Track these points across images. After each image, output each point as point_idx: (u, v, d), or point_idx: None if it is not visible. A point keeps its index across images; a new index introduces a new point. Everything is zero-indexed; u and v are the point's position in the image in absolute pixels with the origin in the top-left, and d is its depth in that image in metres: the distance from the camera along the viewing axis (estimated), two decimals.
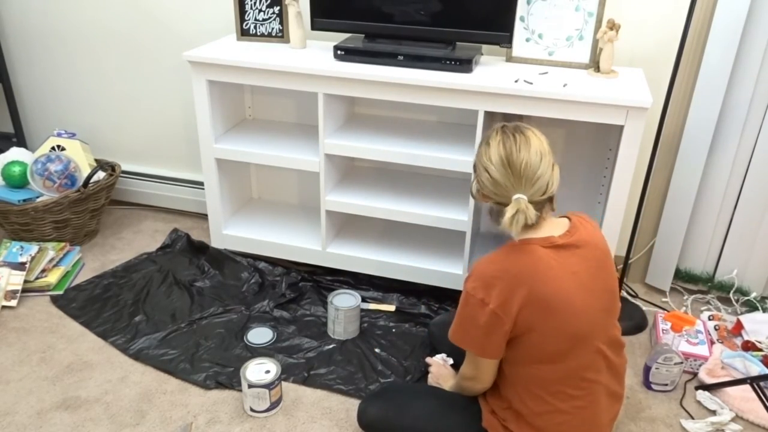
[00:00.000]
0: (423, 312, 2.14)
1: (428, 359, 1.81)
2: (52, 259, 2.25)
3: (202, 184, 2.64)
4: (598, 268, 1.37)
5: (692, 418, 1.77)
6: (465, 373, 1.48)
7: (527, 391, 1.38)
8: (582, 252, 1.36)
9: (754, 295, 2.19)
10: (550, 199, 1.38)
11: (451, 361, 1.81)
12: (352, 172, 2.37)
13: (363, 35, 2.06)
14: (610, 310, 1.40)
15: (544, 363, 1.34)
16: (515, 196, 1.32)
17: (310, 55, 2.07)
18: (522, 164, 1.32)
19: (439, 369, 1.74)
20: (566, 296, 1.30)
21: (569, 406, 1.36)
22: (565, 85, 1.81)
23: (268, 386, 1.67)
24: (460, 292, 2.18)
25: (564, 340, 1.32)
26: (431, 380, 1.73)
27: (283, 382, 1.83)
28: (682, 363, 1.81)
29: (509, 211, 1.32)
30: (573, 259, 1.34)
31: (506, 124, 1.40)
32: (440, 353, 1.88)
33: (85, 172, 2.45)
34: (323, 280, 2.29)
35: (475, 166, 1.42)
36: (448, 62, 1.90)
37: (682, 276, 2.29)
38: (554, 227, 1.38)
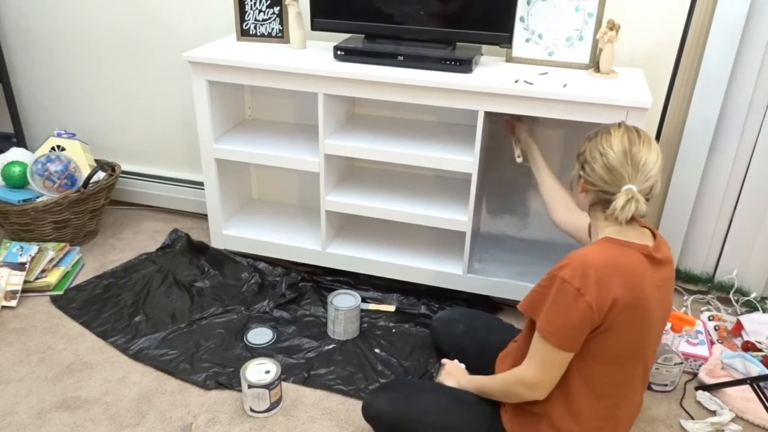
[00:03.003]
0: (423, 312, 2.14)
1: (445, 360, 1.74)
2: (52, 260, 2.25)
3: (202, 184, 2.64)
4: (669, 290, 1.39)
5: (692, 418, 1.77)
6: (526, 376, 1.36)
7: (577, 391, 1.36)
8: (664, 269, 1.36)
9: (754, 295, 2.19)
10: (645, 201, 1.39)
11: (464, 366, 1.77)
12: (352, 172, 2.37)
13: (363, 35, 2.05)
14: (662, 331, 1.42)
15: (603, 364, 1.33)
16: (627, 186, 1.32)
17: (310, 55, 2.07)
18: (643, 159, 1.32)
19: (454, 365, 1.68)
20: (650, 307, 1.30)
21: (608, 414, 1.37)
22: (565, 86, 1.81)
23: (268, 386, 1.67)
24: (459, 292, 2.19)
25: (631, 347, 1.32)
26: (443, 376, 1.66)
27: (283, 383, 1.83)
28: (682, 363, 1.81)
29: (622, 197, 1.31)
30: (658, 274, 1.34)
31: (626, 123, 1.41)
32: (442, 350, 1.87)
33: (85, 172, 2.45)
34: (323, 280, 2.29)
35: (581, 154, 1.40)
36: (448, 62, 1.90)
37: (682, 276, 2.29)
38: (643, 236, 1.38)
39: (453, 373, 1.64)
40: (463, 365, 1.74)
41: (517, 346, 1.49)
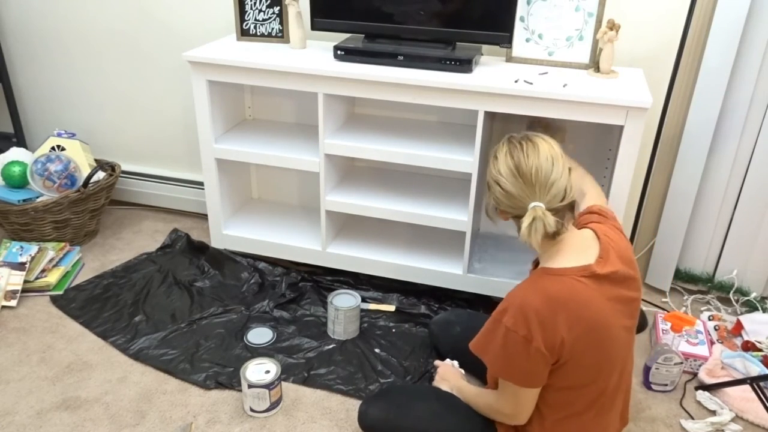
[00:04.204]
0: (423, 312, 2.14)
1: (437, 362, 1.77)
2: (52, 259, 2.25)
3: (202, 184, 2.64)
4: (627, 288, 1.34)
5: (692, 418, 1.77)
6: (502, 409, 1.39)
7: (552, 416, 1.36)
8: (615, 275, 1.32)
9: (754, 295, 2.19)
10: (571, 207, 1.33)
11: (458, 365, 1.78)
12: (352, 172, 2.37)
13: (363, 35, 2.06)
14: (633, 327, 1.39)
15: (573, 389, 1.33)
16: (531, 205, 1.28)
17: (310, 55, 2.07)
18: (532, 171, 1.27)
19: (447, 369, 1.70)
20: (606, 326, 1.27)
21: (592, 424, 1.37)
22: (565, 86, 1.81)
23: (268, 386, 1.67)
24: (459, 292, 2.19)
25: (596, 367, 1.30)
26: (437, 380, 1.69)
27: (283, 382, 1.83)
28: (682, 363, 1.81)
29: (525, 220, 1.27)
30: (608, 285, 1.31)
31: (513, 134, 1.36)
32: (440, 351, 1.88)
33: (85, 172, 2.45)
34: (323, 280, 2.29)
35: (488, 184, 1.37)
36: (448, 62, 1.90)
37: (682, 276, 2.29)
38: (583, 246, 1.33)
39: (447, 378, 1.65)
40: (456, 363, 1.75)
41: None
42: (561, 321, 1.24)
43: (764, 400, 1.73)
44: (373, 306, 2.16)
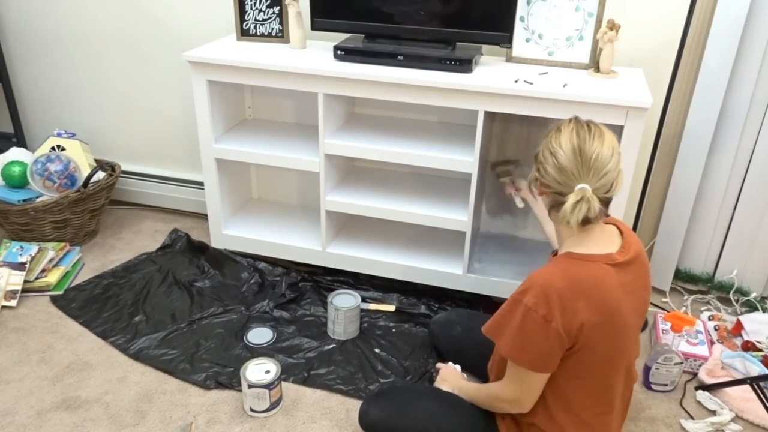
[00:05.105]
0: (423, 312, 2.14)
1: (439, 364, 1.77)
2: (52, 259, 2.25)
3: (202, 184, 2.64)
4: (642, 287, 1.36)
5: (692, 418, 1.77)
6: (505, 395, 1.38)
7: (557, 406, 1.35)
8: (634, 269, 1.33)
9: (754, 295, 2.19)
10: (607, 204, 1.33)
11: (460, 369, 1.78)
12: (352, 172, 2.37)
13: (363, 35, 2.06)
14: (639, 327, 1.40)
15: (582, 379, 1.32)
16: (579, 186, 1.28)
17: (310, 55, 2.07)
18: (594, 155, 1.27)
19: (448, 371, 1.70)
20: (623, 316, 1.28)
21: (596, 421, 1.36)
22: (565, 85, 1.81)
23: (268, 386, 1.67)
24: (459, 292, 2.19)
25: (607, 358, 1.30)
26: (438, 382, 1.68)
27: (283, 382, 1.83)
28: (682, 363, 1.81)
29: (572, 198, 1.26)
30: (628, 277, 1.31)
31: (579, 117, 1.36)
32: (441, 351, 1.88)
33: (85, 172, 2.45)
34: (323, 280, 2.29)
35: (537, 155, 1.36)
36: (448, 62, 1.90)
37: (682, 276, 2.29)
38: (608, 238, 1.34)
39: (447, 379, 1.64)
40: (458, 367, 1.74)
41: (498, 359, 1.48)
42: (582, 306, 1.24)
43: (764, 400, 1.73)
44: (373, 306, 2.16)
